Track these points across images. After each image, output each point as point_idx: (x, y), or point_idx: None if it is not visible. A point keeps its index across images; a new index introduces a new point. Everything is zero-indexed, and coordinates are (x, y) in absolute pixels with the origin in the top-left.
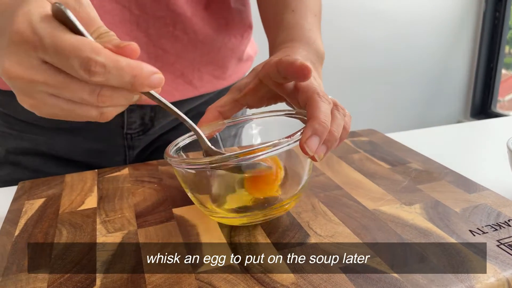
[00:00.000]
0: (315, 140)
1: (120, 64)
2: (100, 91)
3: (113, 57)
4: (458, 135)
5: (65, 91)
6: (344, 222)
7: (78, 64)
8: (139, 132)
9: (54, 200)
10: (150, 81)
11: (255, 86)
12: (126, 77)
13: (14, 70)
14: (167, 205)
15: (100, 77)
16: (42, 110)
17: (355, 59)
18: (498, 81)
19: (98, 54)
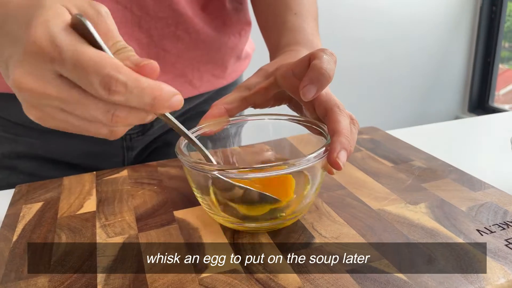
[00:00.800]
0: (344, 154)
1: (141, 84)
2: (115, 111)
3: (134, 76)
4: (459, 132)
5: (78, 107)
6: (349, 223)
7: (98, 82)
8: (138, 133)
9: (52, 203)
10: (170, 103)
11: (267, 85)
12: (146, 98)
13: (26, 82)
14: (167, 207)
15: (120, 96)
16: (49, 123)
17: (352, 55)
18: (496, 76)
19: (119, 72)
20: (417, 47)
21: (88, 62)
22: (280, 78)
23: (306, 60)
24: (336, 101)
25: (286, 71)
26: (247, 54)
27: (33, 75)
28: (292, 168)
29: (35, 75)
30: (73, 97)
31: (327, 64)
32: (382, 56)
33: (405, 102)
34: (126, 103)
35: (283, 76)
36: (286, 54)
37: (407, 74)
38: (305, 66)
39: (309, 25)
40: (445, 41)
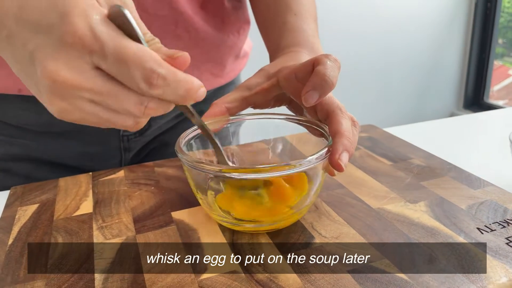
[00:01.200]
0: (346, 156)
1: (178, 78)
2: (148, 104)
3: (171, 69)
4: (456, 129)
5: (111, 100)
6: (349, 223)
7: (140, 76)
8: (135, 133)
9: (48, 205)
10: (198, 95)
11: (269, 87)
12: (180, 91)
13: (61, 74)
14: (165, 208)
15: (159, 90)
16: (72, 115)
17: (346, 51)
18: (491, 72)
19: (160, 66)
20: (413, 44)
21: (131, 56)
22: (282, 80)
23: (309, 64)
24: (337, 103)
25: (289, 74)
26: (245, 52)
27: (70, 66)
28: (294, 169)
29: (72, 67)
30: (108, 89)
31: (330, 70)
32: (377, 52)
33: (400, 99)
34: (161, 96)
35: (285, 78)
36: (287, 56)
37: (402, 70)
38: (309, 70)
39: (309, 26)
40: (440, 37)
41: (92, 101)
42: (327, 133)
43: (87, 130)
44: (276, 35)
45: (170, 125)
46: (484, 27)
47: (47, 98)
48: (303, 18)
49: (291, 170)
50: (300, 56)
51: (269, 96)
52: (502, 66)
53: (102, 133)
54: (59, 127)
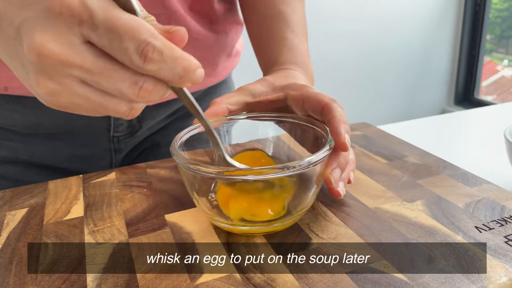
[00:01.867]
0: (338, 172)
1: (175, 53)
2: (144, 84)
3: (168, 43)
4: (448, 126)
5: (103, 79)
6: (346, 223)
7: (134, 48)
8: (126, 134)
9: (37, 209)
10: (196, 76)
11: (274, 99)
12: (178, 69)
13: (48, 47)
14: (158, 211)
15: (155, 65)
16: (61, 98)
17: (337, 49)
18: (480, 69)
19: (156, 38)
20: (403, 41)
21: (124, 26)
22: (290, 99)
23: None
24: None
25: (298, 97)
26: (237, 51)
27: (57, 39)
28: (293, 170)
29: (60, 40)
30: (99, 66)
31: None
32: (367, 49)
33: (391, 96)
34: (157, 73)
35: (293, 99)
36: (285, 72)
37: (393, 67)
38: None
39: (304, 46)
40: (431, 34)
41: (82, 81)
42: (325, 131)
43: (76, 132)
44: (274, 49)
45: (161, 125)
46: (474, 24)
47: (34, 78)
48: (299, 37)
49: (291, 171)
50: (296, 75)
51: (271, 107)
52: (490, 62)
53: (92, 134)
54: (47, 129)
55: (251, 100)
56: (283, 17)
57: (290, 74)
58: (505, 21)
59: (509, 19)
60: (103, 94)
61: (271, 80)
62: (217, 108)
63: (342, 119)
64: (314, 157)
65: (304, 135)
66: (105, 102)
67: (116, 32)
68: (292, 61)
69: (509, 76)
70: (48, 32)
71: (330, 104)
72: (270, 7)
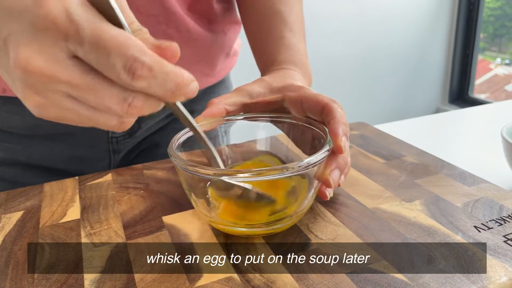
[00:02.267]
0: (337, 173)
1: (165, 69)
2: (133, 101)
3: (158, 59)
4: (444, 125)
5: (91, 95)
6: (345, 223)
7: (121, 64)
8: (125, 135)
9: (33, 212)
10: (190, 90)
11: (272, 101)
12: (169, 85)
13: (35, 62)
14: (156, 213)
15: (144, 82)
16: (49, 112)
17: (331, 48)
18: (475, 67)
19: (145, 54)
20: (397, 41)
21: (111, 41)
22: (288, 101)
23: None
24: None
25: (296, 99)
26: (235, 51)
27: (43, 54)
28: (292, 172)
29: (46, 55)
30: (87, 82)
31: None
32: (361, 49)
33: (385, 94)
34: (147, 90)
35: (291, 100)
36: (283, 72)
37: (388, 66)
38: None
39: (302, 45)
40: (425, 33)
41: (70, 96)
42: (323, 132)
43: (75, 133)
44: (272, 49)
45: (161, 125)
46: (468, 23)
47: (22, 92)
48: (297, 36)
49: (290, 172)
50: (294, 75)
51: (268, 108)
52: (483, 61)
53: (90, 135)
54: (45, 130)
55: (248, 101)
56: (281, 16)
57: (288, 74)
58: (498, 20)
59: (501, 17)
60: (92, 108)
61: (269, 81)
62: (215, 108)
63: (342, 120)
64: (314, 158)
65: (302, 135)
66: (95, 117)
67: (102, 48)
68: (290, 61)
69: (502, 75)
70: (33, 47)
71: (330, 105)
72: (268, 6)
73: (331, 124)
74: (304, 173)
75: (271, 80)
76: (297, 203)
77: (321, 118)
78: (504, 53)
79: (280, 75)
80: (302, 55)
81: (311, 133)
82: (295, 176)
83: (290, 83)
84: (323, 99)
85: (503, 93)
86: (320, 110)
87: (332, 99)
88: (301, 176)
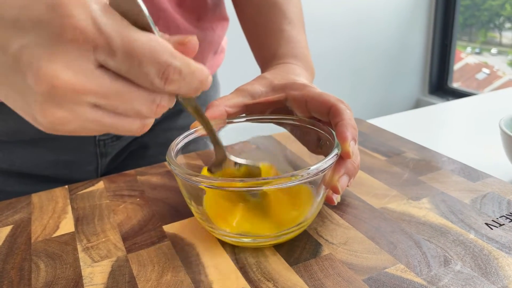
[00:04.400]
0: (345, 179)
1: (192, 69)
2: (161, 101)
3: (185, 60)
4: (434, 118)
5: (119, 101)
6: (354, 225)
7: (155, 71)
8: (112, 137)
9: (23, 226)
10: (208, 84)
11: (275, 101)
12: (195, 83)
13: (62, 77)
14: (155, 222)
15: (175, 85)
16: (71, 125)
17: (311, 40)
18: (453, 58)
19: (175, 58)
20: (377, 33)
21: (143, 49)
22: (291, 100)
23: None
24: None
25: (300, 98)
26: (222, 48)
27: (70, 67)
28: (301, 179)
29: (73, 68)
30: (115, 90)
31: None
32: (340, 42)
33: (366, 87)
34: (176, 91)
35: (295, 100)
36: (285, 67)
37: (367, 59)
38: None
39: (302, 37)
40: (404, 25)
41: (96, 107)
42: (329, 134)
43: (60, 136)
44: (271, 42)
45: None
46: (446, 13)
47: (40, 109)
48: (296, 28)
49: (300, 179)
50: (296, 70)
51: (271, 108)
52: (455, 50)
53: (76, 139)
54: (28, 135)
55: (250, 102)
56: (279, 8)
57: (289, 69)
58: (467, 10)
59: (471, 7)
60: (116, 116)
61: (270, 78)
62: (215, 111)
63: (350, 123)
64: (322, 164)
65: (306, 137)
66: (118, 124)
67: (136, 57)
68: (291, 54)
69: (472, 64)
70: (59, 61)
71: (338, 105)
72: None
73: (338, 127)
74: (316, 178)
75: (272, 77)
76: (304, 211)
77: (327, 119)
78: (474, 42)
79: (282, 70)
80: (303, 47)
81: (316, 135)
82: None
83: (292, 80)
84: (329, 99)
85: (474, 82)
86: (327, 110)
87: (339, 99)
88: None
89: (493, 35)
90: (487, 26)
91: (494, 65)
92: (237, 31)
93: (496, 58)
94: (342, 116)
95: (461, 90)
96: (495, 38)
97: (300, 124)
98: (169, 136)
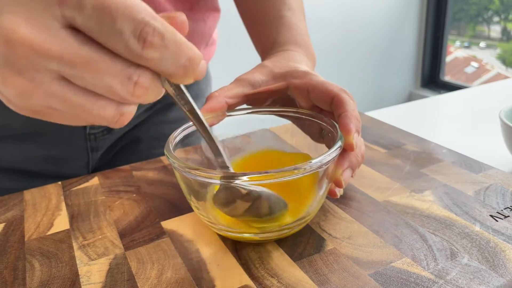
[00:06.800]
0: (349, 173)
1: (178, 38)
2: (139, 78)
3: (169, 27)
4: (430, 110)
5: (89, 72)
6: (357, 219)
7: (130, 29)
8: (103, 131)
9: (15, 224)
10: (200, 69)
11: (276, 89)
12: (182, 58)
13: (20, 32)
14: (153, 218)
15: (156, 52)
16: (34, 99)
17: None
18: (445, 51)
19: (155, 19)
20: (369, 26)
21: (117, 4)
22: (293, 89)
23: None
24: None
25: (302, 87)
26: (213, 40)
27: (31, 21)
28: (303, 172)
29: (35, 22)
30: (84, 56)
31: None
32: (332, 35)
33: (359, 80)
34: (158, 64)
35: (296, 89)
36: (285, 54)
37: (360, 53)
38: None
39: (302, 23)
40: (396, 18)
41: (61, 77)
42: (331, 126)
43: (48, 131)
44: (271, 29)
45: (141, 119)
46: (438, 6)
47: (1, 74)
48: (296, 14)
49: (302, 173)
50: (297, 57)
51: (272, 97)
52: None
53: (66, 133)
54: (16, 129)
55: (250, 92)
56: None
57: (290, 57)
58: (456, 4)
59: (460, 1)
60: (87, 94)
61: (270, 66)
62: (215, 102)
63: (354, 114)
64: (326, 157)
65: (308, 128)
66: (88, 104)
67: (108, 11)
68: (292, 41)
69: (461, 57)
70: (19, 14)
71: (341, 96)
72: None
73: (342, 119)
74: (320, 171)
75: (273, 65)
76: (308, 203)
77: (330, 108)
78: (463, 36)
79: (282, 58)
80: (304, 34)
81: (319, 127)
82: None
83: (293, 67)
84: (332, 89)
85: (463, 75)
86: (329, 100)
87: (342, 89)
88: None
89: (481, 28)
90: (475, 20)
91: (483, 59)
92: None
93: (484, 52)
94: (345, 107)
95: (453, 83)
96: (484, 32)
97: (301, 116)
98: (161, 130)
